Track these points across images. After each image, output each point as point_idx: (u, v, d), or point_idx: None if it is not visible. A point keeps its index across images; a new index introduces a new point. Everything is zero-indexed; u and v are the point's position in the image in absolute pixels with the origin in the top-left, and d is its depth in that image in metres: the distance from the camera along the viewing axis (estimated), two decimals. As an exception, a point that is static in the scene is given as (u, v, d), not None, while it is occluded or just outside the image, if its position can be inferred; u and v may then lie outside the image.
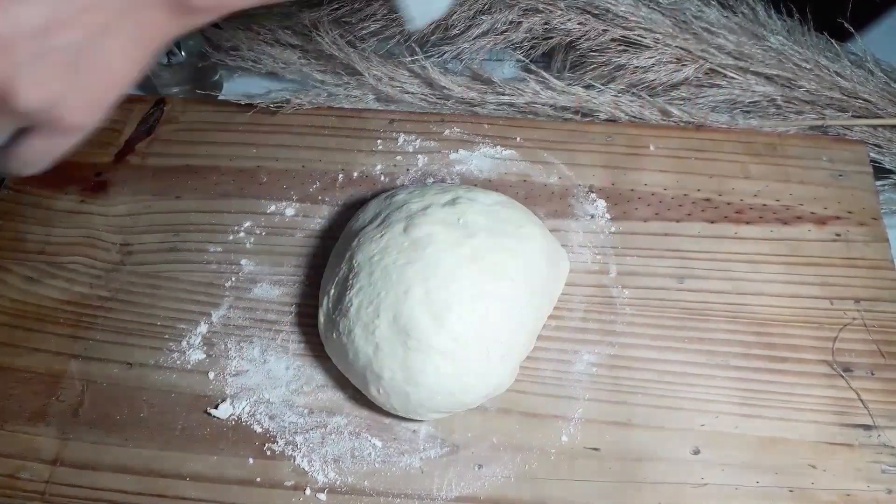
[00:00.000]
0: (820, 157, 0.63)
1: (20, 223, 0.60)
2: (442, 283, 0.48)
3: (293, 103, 0.65)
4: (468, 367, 0.48)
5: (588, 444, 0.50)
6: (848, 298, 0.56)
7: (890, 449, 0.50)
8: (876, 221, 0.59)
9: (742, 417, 0.51)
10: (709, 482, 0.49)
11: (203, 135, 0.65)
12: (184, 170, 0.63)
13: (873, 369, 0.53)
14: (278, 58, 0.68)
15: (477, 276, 0.49)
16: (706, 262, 0.58)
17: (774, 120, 0.65)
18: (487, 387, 0.49)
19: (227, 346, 0.54)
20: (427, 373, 0.47)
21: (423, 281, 0.48)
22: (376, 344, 0.48)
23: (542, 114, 0.66)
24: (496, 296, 0.49)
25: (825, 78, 0.65)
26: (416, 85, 0.67)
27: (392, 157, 0.63)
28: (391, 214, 0.52)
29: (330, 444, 0.50)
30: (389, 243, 0.50)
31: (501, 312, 0.49)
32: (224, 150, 0.64)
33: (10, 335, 0.55)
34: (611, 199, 0.61)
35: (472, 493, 0.49)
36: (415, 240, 0.49)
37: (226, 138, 0.64)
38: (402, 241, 0.50)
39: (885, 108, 0.64)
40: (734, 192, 0.61)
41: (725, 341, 0.54)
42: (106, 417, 0.52)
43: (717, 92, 0.65)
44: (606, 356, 0.54)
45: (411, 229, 0.50)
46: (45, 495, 0.49)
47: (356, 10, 0.68)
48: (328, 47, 0.66)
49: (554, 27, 0.66)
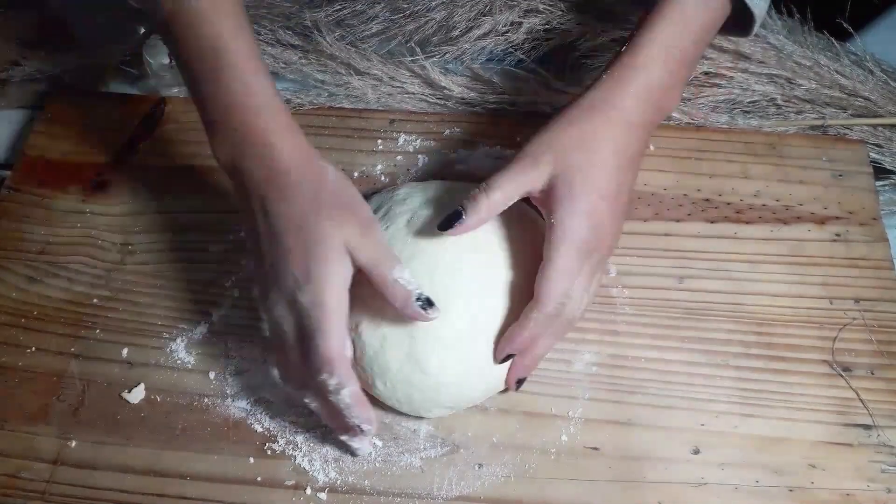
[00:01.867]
0: (820, 157, 0.63)
1: (20, 223, 0.60)
2: (446, 276, 0.48)
3: (293, 103, 0.65)
4: (474, 358, 0.48)
5: (588, 444, 0.50)
6: (848, 298, 0.56)
7: (890, 448, 0.50)
8: (876, 221, 0.59)
9: (742, 417, 0.51)
10: (709, 482, 0.49)
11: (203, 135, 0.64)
12: (184, 170, 0.63)
13: (873, 369, 0.53)
14: (278, 58, 0.68)
15: (480, 269, 0.49)
16: (706, 262, 0.58)
17: (774, 120, 0.65)
18: (493, 379, 0.50)
19: (227, 346, 0.54)
20: (433, 364, 0.47)
21: (428, 274, 0.48)
22: (383, 336, 0.48)
23: (542, 114, 0.66)
24: (499, 288, 0.49)
25: (825, 76, 0.65)
26: (416, 85, 0.67)
27: (392, 156, 0.63)
28: (393, 208, 0.53)
29: (330, 444, 0.50)
30: (394, 236, 0.50)
31: (505, 304, 0.49)
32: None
33: (10, 335, 0.55)
34: (611, 199, 0.61)
35: (472, 493, 0.49)
36: (418, 233, 0.50)
37: (226, 138, 0.64)
38: (405, 234, 0.50)
39: (885, 106, 0.64)
40: (734, 192, 0.61)
41: (725, 341, 0.54)
42: (106, 417, 0.52)
43: (717, 92, 0.65)
44: (606, 356, 0.54)
45: (414, 223, 0.50)
46: (46, 495, 0.49)
47: (358, 11, 0.68)
48: (328, 47, 0.66)
49: (554, 28, 0.66)
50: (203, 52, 0.45)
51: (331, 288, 0.43)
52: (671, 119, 0.65)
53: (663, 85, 0.48)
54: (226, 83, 0.45)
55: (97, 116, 0.65)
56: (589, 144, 0.46)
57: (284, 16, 0.69)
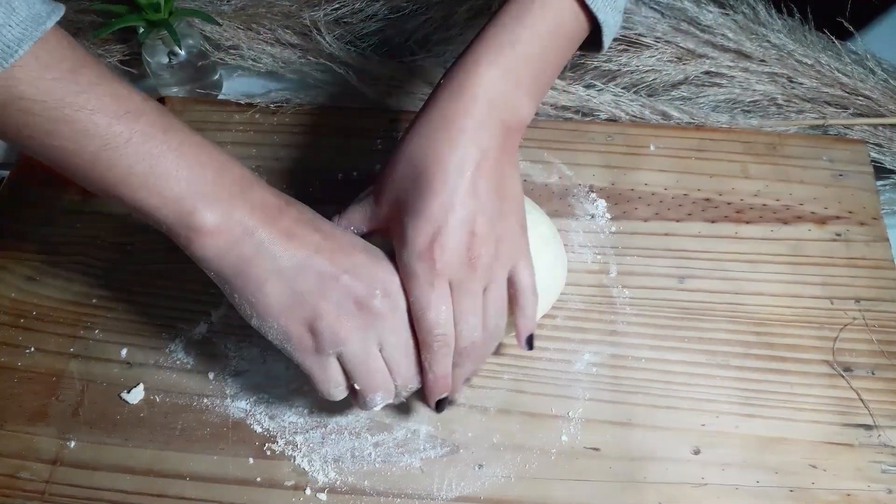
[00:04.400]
0: (820, 157, 0.63)
1: (20, 223, 0.60)
2: None
3: (293, 103, 0.65)
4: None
5: (588, 444, 0.50)
6: (848, 298, 0.56)
7: (890, 449, 0.50)
8: (876, 221, 0.59)
9: (742, 417, 0.51)
10: (709, 482, 0.49)
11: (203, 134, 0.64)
12: (184, 169, 0.62)
13: (874, 369, 0.53)
14: (278, 57, 0.68)
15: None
16: (706, 261, 0.58)
17: (775, 119, 0.65)
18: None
19: (227, 346, 0.54)
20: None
21: None
22: None
23: (542, 113, 0.66)
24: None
25: (826, 74, 0.65)
26: (416, 84, 0.67)
27: (392, 156, 0.63)
28: None
29: (330, 444, 0.50)
30: None
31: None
32: (224, 149, 0.63)
33: (10, 335, 0.55)
34: (611, 199, 0.61)
35: (472, 493, 0.49)
36: None
37: (225, 138, 0.64)
38: None
39: (886, 105, 0.64)
40: (734, 191, 0.61)
41: (726, 341, 0.54)
42: (106, 417, 0.52)
43: (717, 91, 0.65)
44: (606, 356, 0.54)
45: None
46: (45, 495, 0.49)
47: (357, 10, 0.68)
48: (328, 47, 0.66)
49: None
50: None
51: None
52: (671, 119, 0.65)
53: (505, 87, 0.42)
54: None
55: (96, 116, 0.65)
56: (420, 181, 0.42)
57: (284, 14, 0.69)
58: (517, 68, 0.43)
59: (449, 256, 0.42)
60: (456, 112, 0.42)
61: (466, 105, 0.42)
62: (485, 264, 0.43)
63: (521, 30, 0.42)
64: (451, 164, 0.42)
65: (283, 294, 0.41)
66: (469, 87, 0.42)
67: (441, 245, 0.42)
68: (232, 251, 0.40)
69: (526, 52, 0.42)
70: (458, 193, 0.42)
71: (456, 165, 0.42)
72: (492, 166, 0.43)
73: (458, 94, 0.42)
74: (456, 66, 0.43)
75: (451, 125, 0.42)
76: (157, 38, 0.63)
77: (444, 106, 0.43)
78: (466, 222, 0.42)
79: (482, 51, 0.42)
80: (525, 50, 0.42)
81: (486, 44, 0.43)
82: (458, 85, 0.42)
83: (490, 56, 0.42)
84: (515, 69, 0.43)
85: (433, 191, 0.42)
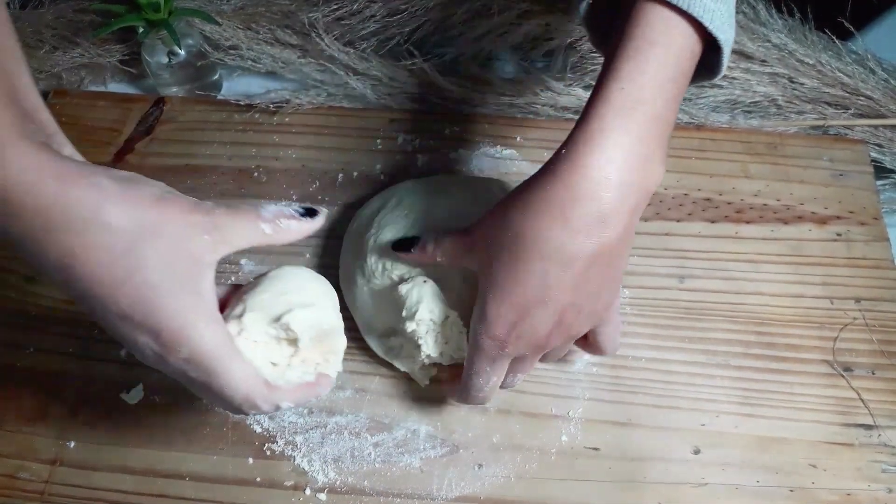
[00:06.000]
0: (821, 157, 0.63)
1: (20, 223, 0.60)
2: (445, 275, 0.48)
3: (293, 103, 0.65)
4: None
5: (588, 444, 0.50)
6: (849, 298, 0.56)
7: (890, 448, 0.50)
8: (877, 221, 0.59)
9: (742, 417, 0.51)
10: (709, 482, 0.49)
11: (202, 134, 0.65)
12: (183, 169, 0.62)
13: (874, 369, 0.53)
14: (278, 57, 0.68)
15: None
16: (706, 261, 0.58)
17: (775, 120, 0.65)
18: None
19: (226, 346, 0.54)
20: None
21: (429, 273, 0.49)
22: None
23: (542, 114, 0.66)
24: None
25: (827, 74, 0.64)
26: (416, 85, 0.67)
27: (392, 156, 0.63)
28: (405, 197, 0.53)
29: (330, 444, 0.50)
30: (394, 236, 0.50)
31: None
32: (223, 149, 0.64)
33: (10, 335, 0.55)
34: (611, 199, 0.61)
35: (472, 493, 0.49)
36: (418, 232, 0.50)
37: (225, 138, 0.64)
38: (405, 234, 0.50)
39: (887, 105, 0.64)
40: (735, 191, 0.61)
41: (725, 341, 0.54)
42: (106, 418, 0.52)
43: (717, 92, 0.65)
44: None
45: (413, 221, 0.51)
46: (45, 495, 0.49)
47: (355, 11, 0.67)
48: (327, 47, 0.66)
49: (554, 28, 0.66)
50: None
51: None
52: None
53: (638, 156, 0.36)
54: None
55: (96, 116, 0.65)
56: (517, 251, 0.38)
57: (283, 14, 0.69)
58: (647, 133, 0.36)
59: (522, 345, 0.39)
60: (584, 194, 0.36)
61: (593, 188, 0.36)
62: (557, 347, 0.41)
63: (643, 79, 0.35)
64: (559, 253, 0.36)
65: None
66: (596, 167, 0.36)
67: (518, 335, 0.39)
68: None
69: (654, 113, 0.36)
70: (554, 288, 0.37)
71: (567, 257, 0.36)
72: (606, 261, 0.37)
73: (583, 172, 0.36)
74: (579, 131, 0.37)
75: (573, 208, 0.36)
76: (157, 38, 0.63)
77: (566, 178, 0.36)
78: (554, 315, 0.38)
79: (609, 115, 0.36)
80: (652, 111, 0.36)
81: (610, 105, 0.36)
82: (582, 161, 0.36)
83: (618, 121, 0.35)
84: (647, 135, 0.36)
85: (529, 271, 0.37)
